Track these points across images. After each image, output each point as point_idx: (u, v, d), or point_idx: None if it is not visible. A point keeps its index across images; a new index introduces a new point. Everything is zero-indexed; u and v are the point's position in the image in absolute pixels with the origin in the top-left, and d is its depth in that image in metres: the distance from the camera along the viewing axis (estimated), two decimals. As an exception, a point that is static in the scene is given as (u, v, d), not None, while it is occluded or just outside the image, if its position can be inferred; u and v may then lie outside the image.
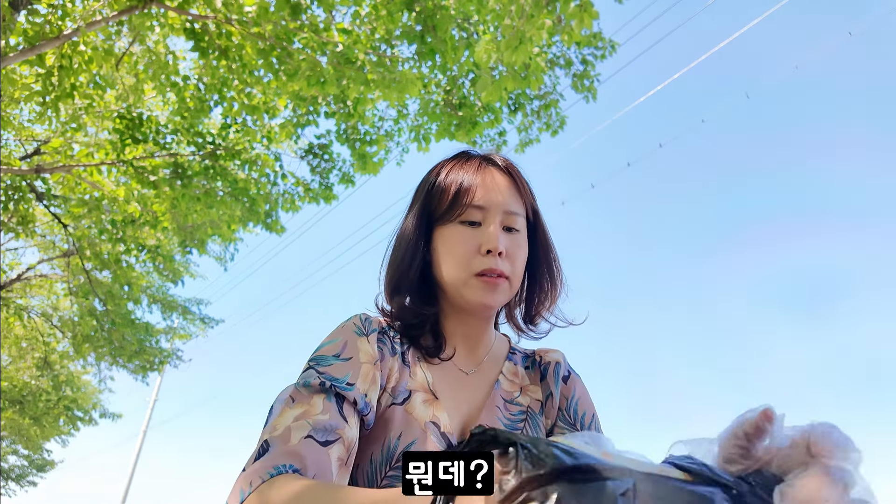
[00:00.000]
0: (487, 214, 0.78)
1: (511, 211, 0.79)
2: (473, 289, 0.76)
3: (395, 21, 4.47)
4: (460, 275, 0.77)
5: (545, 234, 0.87)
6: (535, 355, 0.89)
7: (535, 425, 0.80)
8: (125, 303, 8.01)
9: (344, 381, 0.69)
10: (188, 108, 5.23)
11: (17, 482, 14.21)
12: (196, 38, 4.65)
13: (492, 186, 0.80)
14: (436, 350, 0.81)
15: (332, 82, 4.43)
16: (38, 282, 9.08)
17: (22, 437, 11.81)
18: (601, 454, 0.31)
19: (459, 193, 0.79)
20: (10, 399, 10.15)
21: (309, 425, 0.63)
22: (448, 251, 0.78)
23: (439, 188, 0.82)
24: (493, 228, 0.77)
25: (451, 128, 5.31)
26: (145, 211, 6.14)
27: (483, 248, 0.76)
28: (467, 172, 0.81)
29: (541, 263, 0.86)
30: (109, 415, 11.84)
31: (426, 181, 0.86)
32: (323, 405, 0.66)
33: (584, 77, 5.61)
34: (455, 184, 0.80)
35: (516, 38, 3.50)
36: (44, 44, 4.22)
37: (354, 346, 0.74)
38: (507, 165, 0.85)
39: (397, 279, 0.82)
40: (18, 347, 10.00)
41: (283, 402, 0.67)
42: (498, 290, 0.76)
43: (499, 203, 0.79)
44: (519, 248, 0.80)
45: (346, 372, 0.70)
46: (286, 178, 6.12)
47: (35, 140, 6.88)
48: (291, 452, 0.60)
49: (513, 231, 0.80)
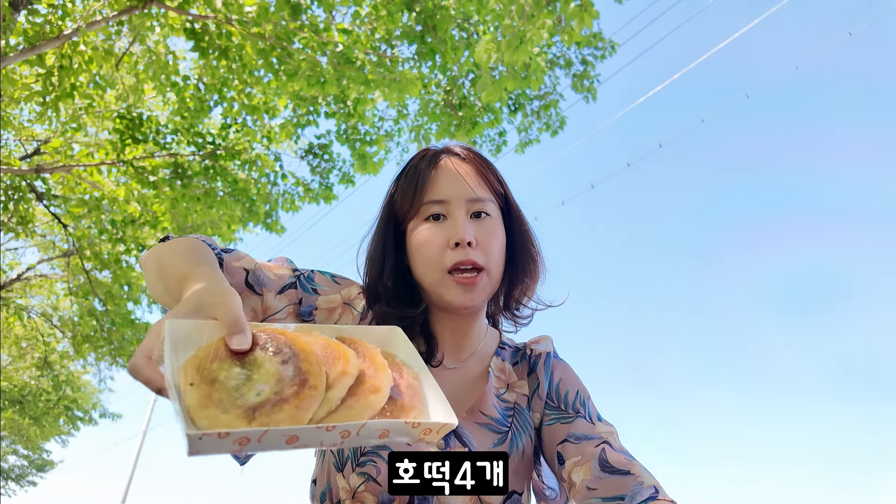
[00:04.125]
0: (450, 206, 0.76)
1: (476, 198, 0.76)
2: (450, 289, 0.74)
3: (395, 21, 4.47)
4: (434, 274, 0.75)
5: (520, 216, 0.84)
6: (525, 348, 0.87)
7: (524, 420, 0.79)
8: (125, 303, 8.00)
9: (312, 286, 0.79)
10: (188, 108, 5.23)
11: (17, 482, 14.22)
12: (196, 38, 4.65)
13: (449, 177, 0.77)
14: (428, 356, 0.79)
15: (332, 82, 4.43)
16: (38, 282, 9.08)
17: (22, 437, 11.82)
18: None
19: (418, 189, 0.77)
20: (10, 399, 10.15)
21: (254, 266, 0.76)
22: (418, 251, 0.77)
23: (401, 188, 0.81)
24: (458, 219, 0.75)
25: (451, 128, 5.30)
26: (145, 211, 6.14)
27: (451, 242, 0.74)
28: (423, 166, 0.79)
29: (519, 248, 0.83)
30: (109, 415, 11.85)
31: (391, 184, 0.85)
32: (280, 274, 0.78)
33: (584, 77, 5.61)
34: (413, 182, 0.79)
35: (517, 38, 3.50)
36: (44, 44, 4.22)
37: (349, 287, 0.83)
38: (466, 152, 0.82)
39: (373, 285, 0.81)
40: (18, 347, 9.99)
41: (273, 258, 0.82)
42: (476, 288, 0.74)
43: (460, 193, 0.76)
44: (491, 235, 0.76)
45: (323, 286, 0.81)
46: (286, 178, 6.12)
47: (35, 140, 6.88)
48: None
49: (482, 216, 0.77)
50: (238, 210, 5.93)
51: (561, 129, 5.83)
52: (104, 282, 7.66)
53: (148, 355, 0.43)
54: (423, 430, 0.46)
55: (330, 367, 0.45)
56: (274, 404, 0.40)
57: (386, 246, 0.81)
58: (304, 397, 0.42)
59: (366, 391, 0.46)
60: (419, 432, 0.46)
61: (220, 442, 0.37)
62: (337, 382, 0.45)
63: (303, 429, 0.40)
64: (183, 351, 0.44)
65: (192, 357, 0.43)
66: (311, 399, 0.42)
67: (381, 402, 0.46)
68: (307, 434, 0.41)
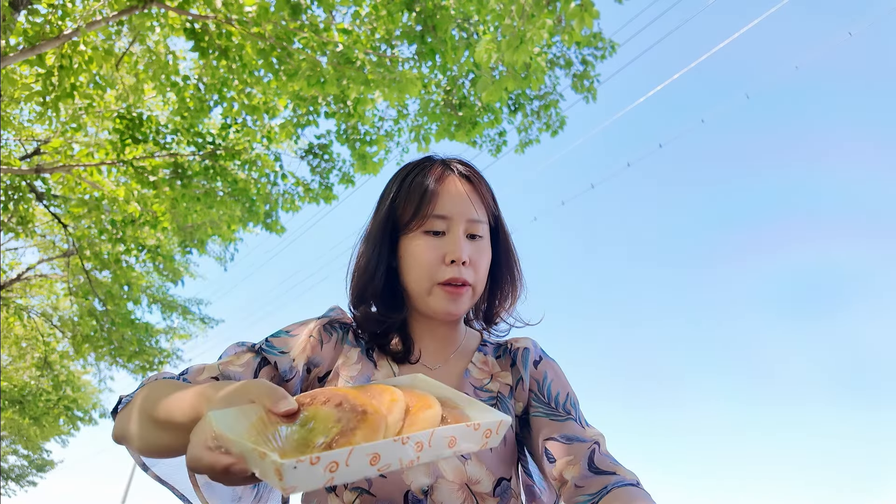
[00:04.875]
0: (451, 224, 0.79)
1: (474, 219, 0.81)
2: (437, 298, 0.79)
3: (395, 21, 4.47)
4: (425, 284, 0.79)
5: (507, 238, 0.89)
6: (506, 344, 0.91)
7: (506, 409, 0.81)
8: (125, 303, 8.01)
9: (277, 349, 0.78)
10: (188, 108, 5.23)
11: (17, 482, 14.22)
12: (196, 38, 4.65)
13: (454, 195, 0.81)
14: (404, 355, 0.83)
15: (332, 82, 4.43)
16: (38, 282, 9.08)
17: (22, 437, 11.81)
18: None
19: (422, 203, 0.80)
20: (10, 399, 10.15)
21: (219, 370, 0.73)
22: (413, 261, 0.80)
23: (402, 197, 0.83)
24: (457, 238, 0.79)
25: (451, 128, 5.30)
26: (145, 211, 6.13)
27: (447, 258, 0.78)
28: (430, 181, 0.82)
29: (503, 267, 0.89)
30: (109, 415, 11.84)
31: (389, 188, 0.87)
32: (244, 361, 0.76)
33: (584, 77, 5.61)
34: (418, 193, 0.81)
35: (517, 38, 3.50)
36: (44, 44, 4.21)
37: (304, 326, 0.83)
38: (468, 172, 0.85)
39: (362, 287, 0.84)
40: (18, 347, 9.99)
41: (223, 353, 0.78)
42: (461, 299, 0.79)
43: (461, 212, 0.80)
44: (482, 255, 0.81)
45: (285, 343, 0.79)
46: (286, 179, 6.12)
47: (35, 140, 6.88)
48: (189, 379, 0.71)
49: (476, 238, 0.81)
50: (238, 210, 5.93)
51: (561, 129, 5.83)
52: (104, 282, 7.66)
53: (205, 445, 0.44)
54: (485, 433, 0.49)
55: (378, 400, 0.48)
56: (343, 434, 0.42)
57: (381, 250, 0.83)
58: (370, 422, 0.44)
59: (419, 410, 0.48)
60: (482, 435, 0.48)
61: (313, 469, 0.38)
62: (392, 409, 0.47)
63: (383, 444, 0.42)
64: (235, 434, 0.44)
65: (246, 433, 0.44)
66: (377, 421, 0.44)
67: (438, 416, 0.49)
68: (387, 450, 0.42)
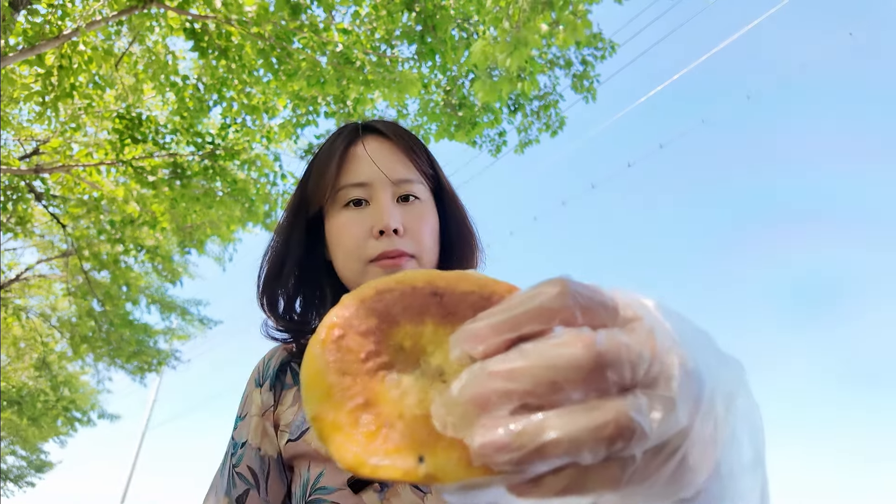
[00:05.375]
0: (372, 190, 0.67)
1: (402, 179, 0.67)
2: (372, 278, 0.63)
3: (395, 21, 4.47)
4: (355, 265, 0.66)
5: (454, 197, 0.75)
6: None
7: None
8: (123, 303, 8.00)
9: (241, 449, 0.68)
10: (187, 108, 5.22)
11: (16, 483, 14.18)
12: (196, 38, 4.65)
13: (373, 156, 0.68)
14: None
15: (332, 82, 4.43)
16: (37, 282, 9.06)
17: (20, 437, 11.79)
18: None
19: (333, 173, 0.67)
20: (8, 400, 10.13)
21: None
22: (337, 242, 0.67)
23: (313, 173, 0.71)
24: (383, 205, 0.65)
25: (450, 128, 5.31)
26: (144, 211, 6.13)
27: (374, 230, 0.65)
28: (340, 147, 0.69)
29: (453, 232, 0.74)
30: (108, 416, 11.82)
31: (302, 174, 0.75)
32: (223, 476, 0.68)
33: (583, 77, 5.62)
34: (328, 163, 0.69)
35: (512, 42, 3.51)
36: (43, 44, 4.21)
37: (249, 400, 0.71)
38: (387, 128, 0.72)
39: (267, 291, 0.72)
40: (17, 348, 9.97)
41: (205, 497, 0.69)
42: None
43: (383, 174, 0.67)
44: (421, 220, 0.67)
45: (242, 434, 0.69)
46: (286, 179, 6.12)
47: (34, 140, 6.86)
48: None
49: (410, 200, 0.68)
50: (237, 210, 5.92)
51: (561, 129, 5.83)
52: (103, 282, 7.65)
53: None
54: None
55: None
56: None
57: (290, 239, 0.72)
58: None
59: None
60: None
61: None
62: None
63: None
64: None
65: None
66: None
67: None
68: None
